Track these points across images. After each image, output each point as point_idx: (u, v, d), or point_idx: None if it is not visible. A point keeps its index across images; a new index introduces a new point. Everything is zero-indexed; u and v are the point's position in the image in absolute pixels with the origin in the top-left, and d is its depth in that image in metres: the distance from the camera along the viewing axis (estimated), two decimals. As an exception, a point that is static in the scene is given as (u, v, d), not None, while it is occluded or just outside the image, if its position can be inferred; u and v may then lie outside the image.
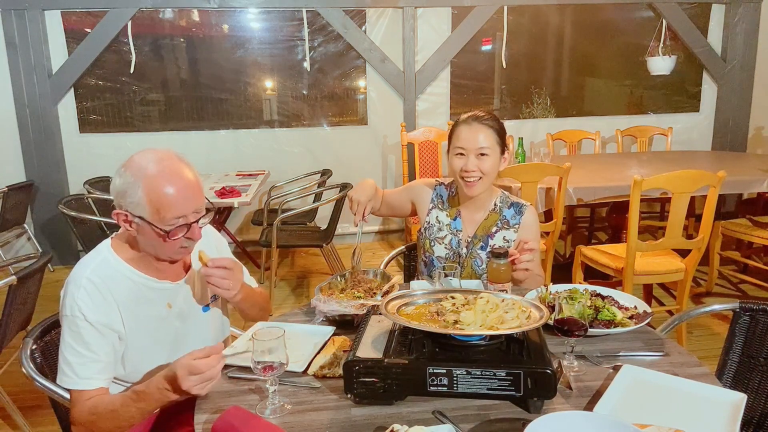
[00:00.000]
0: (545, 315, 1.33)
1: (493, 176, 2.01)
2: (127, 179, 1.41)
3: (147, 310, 1.53)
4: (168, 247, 1.47)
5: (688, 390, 1.32)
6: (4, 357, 2.76)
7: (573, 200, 3.47)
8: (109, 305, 1.45)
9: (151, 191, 1.40)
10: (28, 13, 4.58)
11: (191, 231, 1.46)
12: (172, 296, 1.59)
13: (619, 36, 5.66)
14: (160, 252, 1.50)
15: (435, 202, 2.14)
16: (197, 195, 1.47)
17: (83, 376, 1.43)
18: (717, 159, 4.48)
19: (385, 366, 1.27)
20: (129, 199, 1.42)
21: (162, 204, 1.40)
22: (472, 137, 1.96)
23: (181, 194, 1.42)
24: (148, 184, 1.40)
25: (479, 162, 1.95)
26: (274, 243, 3.84)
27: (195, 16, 5.14)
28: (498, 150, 1.98)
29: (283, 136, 5.26)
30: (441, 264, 2.08)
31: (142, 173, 1.40)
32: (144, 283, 1.53)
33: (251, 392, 1.38)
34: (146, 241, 1.48)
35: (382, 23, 5.10)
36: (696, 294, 3.97)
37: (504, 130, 2.02)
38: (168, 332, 1.58)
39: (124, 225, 1.47)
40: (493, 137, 1.97)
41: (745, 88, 5.51)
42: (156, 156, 1.44)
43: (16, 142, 4.78)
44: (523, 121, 5.52)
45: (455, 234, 2.08)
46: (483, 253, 2.04)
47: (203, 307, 1.68)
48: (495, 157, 1.97)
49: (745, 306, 1.74)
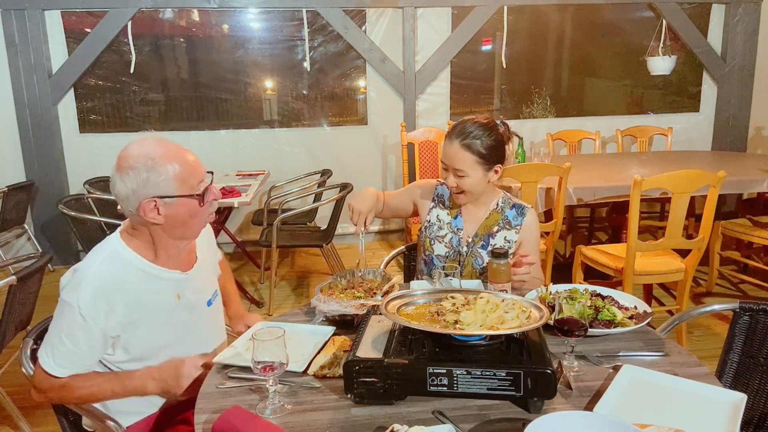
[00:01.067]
0: (545, 315, 1.33)
1: (479, 190, 2.00)
2: (140, 173, 1.43)
3: (156, 301, 1.55)
4: (201, 214, 1.53)
5: (688, 390, 1.32)
6: (4, 357, 2.76)
7: (573, 200, 3.46)
8: (109, 306, 1.45)
9: (172, 168, 1.45)
10: (28, 13, 4.58)
11: (212, 192, 1.54)
12: (181, 287, 1.61)
13: (619, 36, 5.66)
14: (192, 225, 1.53)
15: (436, 201, 2.14)
16: (197, 159, 1.55)
17: (59, 364, 1.46)
18: (717, 159, 4.48)
19: (385, 366, 1.27)
20: (152, 185, 1.44)
21: (187, 173, 1.47)
22: (451, 156, 1.94)
23: (194, 160, 1.51)
24: (166, 164, 1.44)
25: (458, 180, 1.95)
26: (274, 243, 3.84)
27: (195, 16, 5.14)
28: (480, 169, 1.94)
29: (283, 136, 5.26)
30: (441, 263, 2.08)
31: (153, 158, 1.44)
32: (155, 273, 1.54)
33: (251, 392, 1.38)
34: (178, 221, 1.49)
35: (382, 23, 5.10)
36: (696, 294, 3.97)
37: (495, 144, 1.93)
38: (177, 323, 1.60)
39: (152, 215, 1.46)
40: (471, 160, 1.91)
41: (745, 88, 5.51)
42: (149, 143, 1.48)
43: (16, 142, 4.78)
44: (523, 121, 5.52)
45: (456, 232, 2.08)
46: (484, 252, 2.04)
47: (207, 300, 1.71)
48: (476, 176, 1.94)
49: (745, 306, 1.74)
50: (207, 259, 1.76)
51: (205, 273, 1.72)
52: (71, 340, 1.44)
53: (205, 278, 1.71)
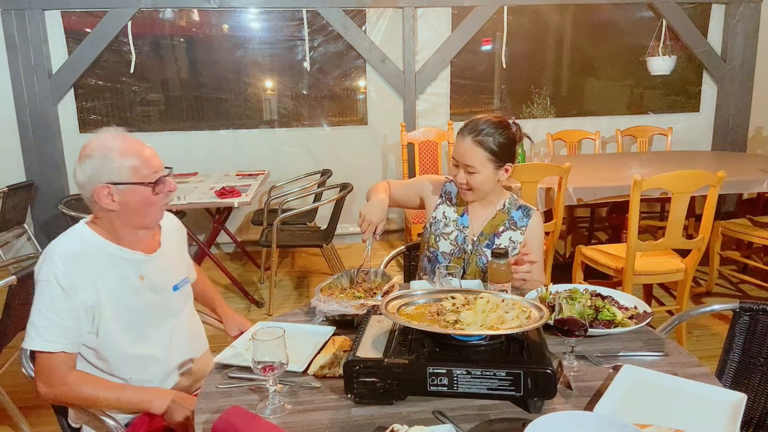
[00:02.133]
0: (545, 315, 1.33)
1: (487, 188, 2.00)
2: (96, 160, 1.52)
3: (121, 280, 1.59)
4: (155, 203, 1.59)
5: (688, 390, 1.32)
6: (4, 357, 2.76)
7: (573, 200, 3.46)
8: (83, 274, 1.51)
9: (126, 157, 1.53)
10: (28, 13, 4.58)
11: (168, 183, 1.61)
12: (144, 269, 1.65)
13: (619, 36, 5.66)
14: (148, 213, 1.60)
15: (444, 198, 2.14)
16: (155, 152, 1.62)
17: (47, 339, 1.48)
18: (717, 159, 4.48)
19: (385, 366, 1.27)
20: (106, 172, 1.52)
21: (140, 162, 1.55)
22: (462, 152, 1.95)
23: (149, 152, 1.59)
24: (121, 153, 1.53)
25: (468, 176, 1.96)
26: (274, 243, 3.84)
27: (195, 16, 5.14)
28: (491, 166, 1.95)
29: (283, 136, 5.26)
30: (446, 260, 2.08)
31: (109, 148, 1.53)
32: (118, 253, 1.59)
33: (251, 392, 1.38)
34: (131, 208, 1.56)
35: (382, 23, 5.10)
36: (696, 294, 3.97)
37: (507, 143, 1.94)
38: (140, 303, 1.63)
39: (106, 201, 1.54)
40: (483, 156, 1.92)
41: (745, 88, 5.51)
42: (107, 135, 1.56)
43: (16, 142, 4.78)
44: (523, 121, 5.47)
45: (461, 230, 2.09)
46: (488, 251, 2.04)
47: (173, 285, 1.75)
48: (486, 173, 1.95)
49: (745, 306, 1.74)
50: (173, 252, 1.79)
51: (169, 260, 1.75)
52: (54, 312, 1.48)
53: (168, 265, 1.74)
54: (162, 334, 1.68)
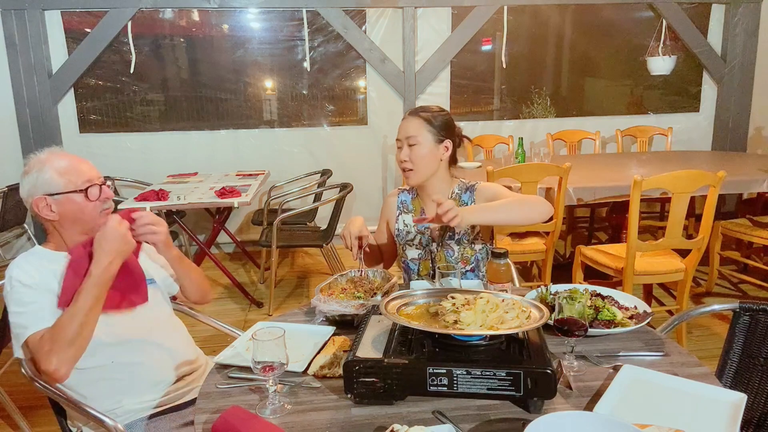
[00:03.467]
0: (545, 315, 1.33)
1: (429, 165, 2.01)
2: (32, 175, 1.62)
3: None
4: (90, 210, 1.64)
5: (688, 390, 1.32)
6: (4, 357, 2.76)
7: (573, 200, 3.47)
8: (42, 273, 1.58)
9: (56, 168, 1.62)
10: (28, 13, 4.58)
11: (103, 192, 1.67)
12: None
13: (619, 36, 5.66)
14: (86, 220, 1.64)
15: (401, 208, 2.17)
16: (92, 166, 1.70)
17: (34, 322, 1.52)
18: (717, 159, 4.48)
19: (385, 366, 1.27)
20: (41, 184, 1.61)
21: (69, 172, 1.63)
22: (404, 127, 2.03)
23: (78, 161, 1.67)
24: (51, 165, 1.62)
25: (410, 151, 2.00)
26: (274, 243, 3.84)
27: (195, 16, 5.14)
28: (431, 138, 2.00)
29: (283, 136, 5.26)
30: (415, 266, 2.11)
31: (41, 161, 1.63)
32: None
33: (251, 392, 1.38)
34: (70, 216, 1.62)
35: (382, 23, 5.10)
36: (696, 294, 3.97)
37: (444, 121, 2.02)
38: None
39: (45, 212, 1.61)
40: (423, 126, 1.99)
41: (745, 88, 5.51)
42: (45, 152, 1.67)
43: (16, 142, 4.78)
44: (523, 121, 5.52)
45: (423, 233, 2.10)
46: (452, 242, 2.05)
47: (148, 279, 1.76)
48: (427, 146, 1.99)
49: (745, 306, 1.74)
50: None
51: None
52: (30, 300, 1.53)
53: None
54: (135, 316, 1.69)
